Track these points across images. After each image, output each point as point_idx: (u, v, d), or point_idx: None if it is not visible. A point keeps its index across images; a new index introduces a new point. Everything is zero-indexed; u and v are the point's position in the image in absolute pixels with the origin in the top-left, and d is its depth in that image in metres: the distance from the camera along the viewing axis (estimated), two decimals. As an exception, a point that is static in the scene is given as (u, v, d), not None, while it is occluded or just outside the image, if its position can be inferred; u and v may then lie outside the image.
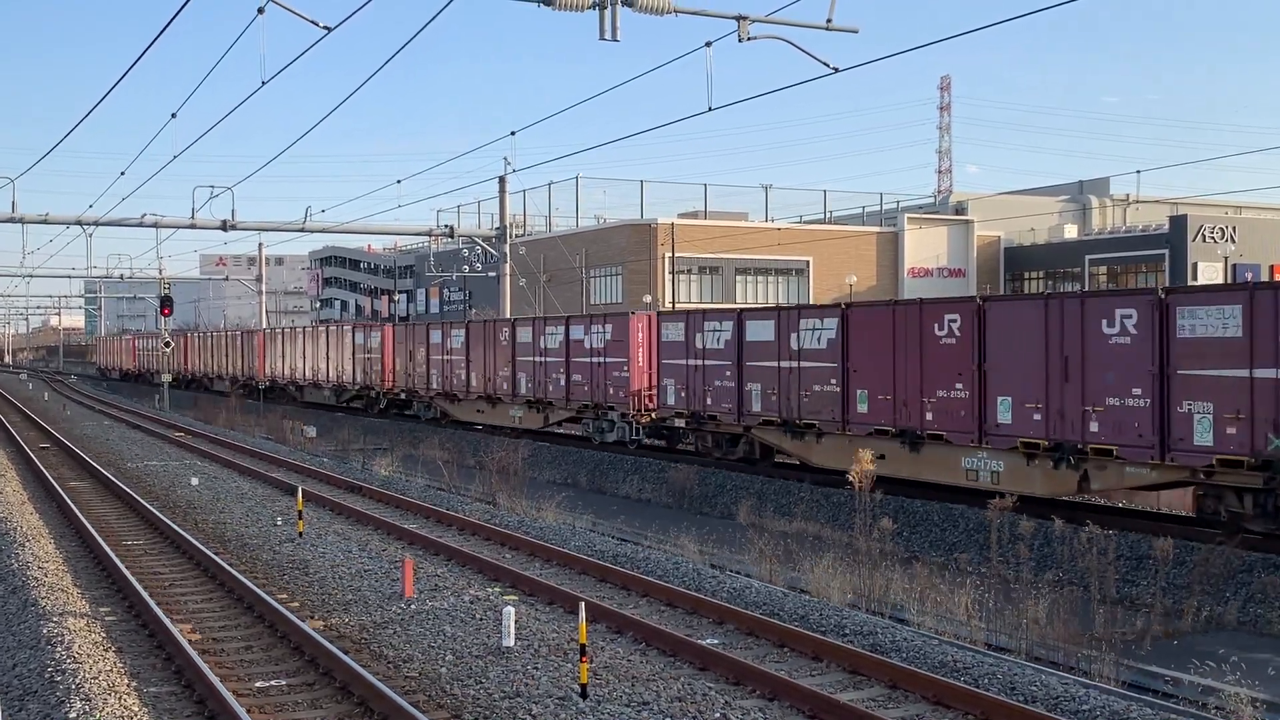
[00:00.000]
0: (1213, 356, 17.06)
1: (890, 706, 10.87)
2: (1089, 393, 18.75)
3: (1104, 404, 18.49)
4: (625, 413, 31.16)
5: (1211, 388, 17.05)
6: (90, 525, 19.98)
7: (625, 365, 31.13)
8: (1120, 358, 18.29)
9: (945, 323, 21.38)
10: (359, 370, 47.33)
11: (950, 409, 21.22)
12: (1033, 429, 19.62)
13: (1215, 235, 64.74)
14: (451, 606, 14.40)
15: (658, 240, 63.61)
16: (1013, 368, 20.07)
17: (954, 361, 21.11)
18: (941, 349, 21.39)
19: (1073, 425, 18.94)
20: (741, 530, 21.60)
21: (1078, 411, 18.87)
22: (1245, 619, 15.83)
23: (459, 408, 39.80)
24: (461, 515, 21.47)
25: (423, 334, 42.09)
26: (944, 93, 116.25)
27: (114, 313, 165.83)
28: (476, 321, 40.69)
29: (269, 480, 27.29)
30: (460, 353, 39.44)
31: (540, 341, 34.72)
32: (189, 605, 14.93)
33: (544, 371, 34.62)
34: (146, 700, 10.86)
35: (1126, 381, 18.17)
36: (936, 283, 69.21)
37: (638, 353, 30.87)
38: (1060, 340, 19.21)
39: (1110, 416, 18.42)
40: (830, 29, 20.06)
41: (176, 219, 43.61)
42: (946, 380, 21.22)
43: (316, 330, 53.49)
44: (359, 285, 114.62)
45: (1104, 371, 18.54)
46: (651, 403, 30.40)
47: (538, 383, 34.84)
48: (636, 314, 31.89)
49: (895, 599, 16.39)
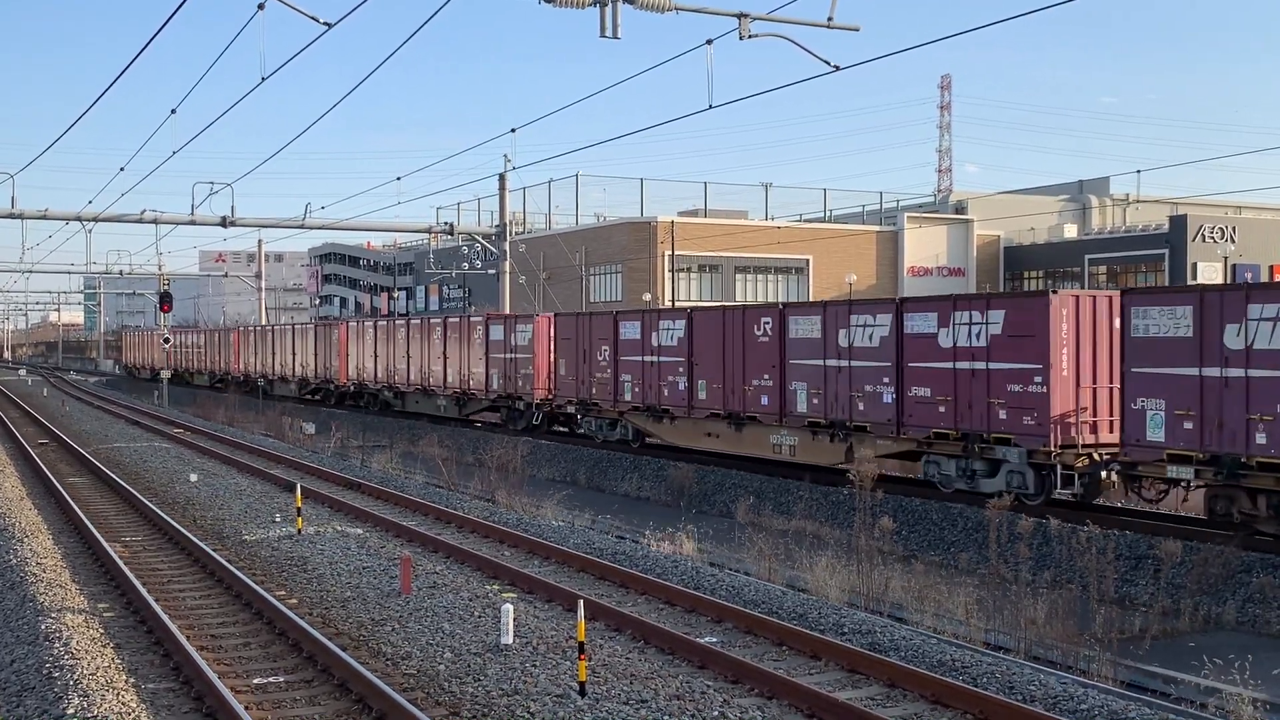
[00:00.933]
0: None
1: (889, 705, 10.86)
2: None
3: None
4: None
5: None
6: (88, 521, 19.97)
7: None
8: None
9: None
10: (497, 374, 37.05)
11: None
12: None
13: (1215, 235, 64.73)
14: (450, 604, 14.39)
15: (657, 238, 63.59)
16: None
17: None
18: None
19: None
20: (740, 528, 21.59)
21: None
22: (1244, 619, 15.83)
23: (676, 428, 29.37)
24: (460, 513, 21.45)
25: (608, 328, 31.37)
26: (944, 91, 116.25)
27: (113, 309, 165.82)
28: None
29: (267, 477, 27.27)
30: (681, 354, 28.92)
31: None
32: (187, 602, 14.92)
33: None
34: (144, 697, 10.84)
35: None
36: (936, 282, 69.18)
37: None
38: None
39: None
40: (831, 27, 20.03)
41: (176, 215, 43.54)
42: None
43: (429, 324, 42.28)
44: (359, 282, 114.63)
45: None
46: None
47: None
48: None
49: (894, 598, 16.40)
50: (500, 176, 44.09)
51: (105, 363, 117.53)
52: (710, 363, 27.47)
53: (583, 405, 32.60)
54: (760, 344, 25.88)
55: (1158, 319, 17.62)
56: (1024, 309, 20.58)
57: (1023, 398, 20.22)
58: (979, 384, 21.00)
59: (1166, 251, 65.20)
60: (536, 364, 34.98)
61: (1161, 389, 17.50)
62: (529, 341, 35.34)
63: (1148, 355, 17.73)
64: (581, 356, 32.47)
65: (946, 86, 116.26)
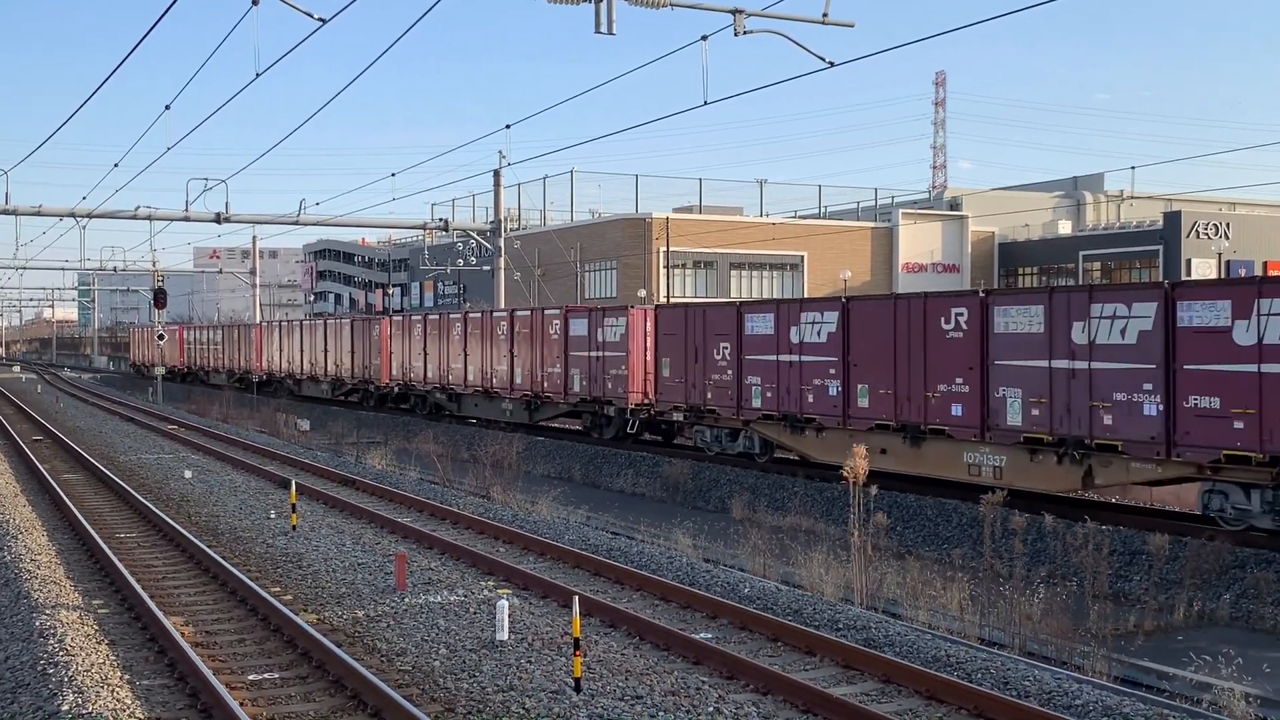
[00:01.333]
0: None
1: (884, 701, 10.87)
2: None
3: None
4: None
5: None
6: (83, 518, 19.94)
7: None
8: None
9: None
10: (580, 374, 33.05)
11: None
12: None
13: (1209, 231, 64.82)
14: (445, 600, 14.39)
15: (652, 234, 63.59)
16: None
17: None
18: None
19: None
20: (735, 525, 21.61)
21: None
22: (1238, 614, 15.87)
23: (824, 442, 25.02)
24: (455, 509, 21.45)
25: (730, 322, 27.44)
26: (939, 88, 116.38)
27: (107, 305, 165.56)
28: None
29: (262, 473, 27.25)
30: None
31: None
32: (182, 598, 14.90)
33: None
34: (139, 693, 10.83)
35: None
36: (931, 278, 69.25)
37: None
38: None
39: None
40: (826, 23, 20.06)
41: (170, 211, 43.49)
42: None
43: (492, 319, 37.82)
44: (353, 279, 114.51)
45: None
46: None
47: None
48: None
49: (889, 594, 16.42)
50: (495, 173, 44.10)
51: (100, 359, 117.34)
52: (876, 364, 23.06)
53: (693, 412, 28.42)
54: (950, 340, 21.49)
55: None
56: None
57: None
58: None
59: (1161, 248, 65.30)
60: (631, 363, 30.74)
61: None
62: (621, 338, 31.24)
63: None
64: (693, 355, 28.19)
65: (941, 83, 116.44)
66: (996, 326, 20.53)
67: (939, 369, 21.64)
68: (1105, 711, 10.32)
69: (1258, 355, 16.63)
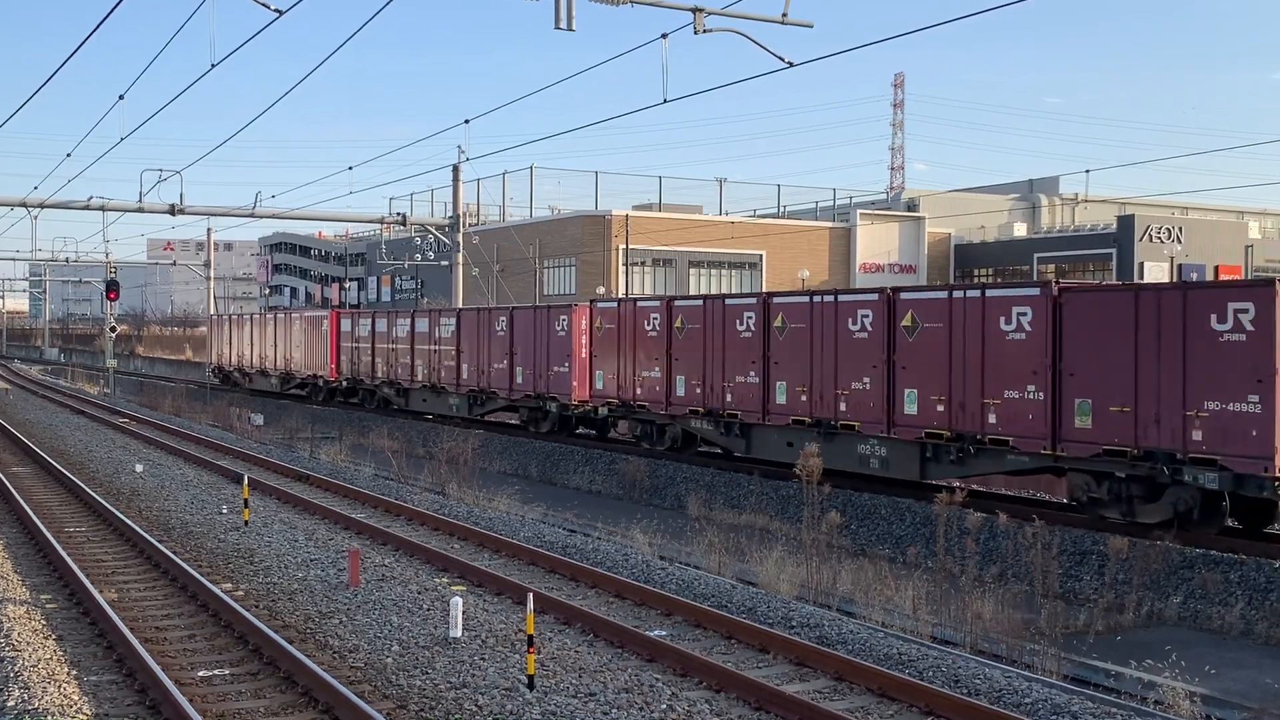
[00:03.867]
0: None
1: (836, 698, 10.93)
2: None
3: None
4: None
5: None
6: (31, 511, 19.68)
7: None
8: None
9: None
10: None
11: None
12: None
13: (1162, 235, 65.62)
14: (399, 596, 14.32)
15: (612, 232, 63.58)
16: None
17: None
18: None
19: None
20: (692, 523, 21.64)
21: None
22: (1186, 614, 16.07)
23: None
24: (410, 505, 21.35)
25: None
26: (898, 89, 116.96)
27: (59, 297, 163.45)
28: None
29: (215, 468, 27.01)
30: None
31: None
32: (131, 593, 14.74)
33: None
34: (87, 689, 10.71)
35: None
36: (888, 278, 69.65)
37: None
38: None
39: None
40: (786, 23, 20.11)
41: (124, 202, 42.96)
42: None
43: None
44: (309, 272, 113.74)
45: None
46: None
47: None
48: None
49: (843, 592, 16.51)
50: (454, 168, 43.91)
51: (51, 351, 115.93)
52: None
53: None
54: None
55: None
56: None
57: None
58: None
59: (1115, 251, 66.03)
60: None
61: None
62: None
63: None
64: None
65: (900, 84, 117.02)
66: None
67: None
68: (1054, 710, 10.42)
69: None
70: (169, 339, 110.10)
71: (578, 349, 31.11)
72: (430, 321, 38.28)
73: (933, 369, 20.34)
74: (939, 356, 20.22)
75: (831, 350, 22.44)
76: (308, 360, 46.63)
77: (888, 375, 21.17)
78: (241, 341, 54.06)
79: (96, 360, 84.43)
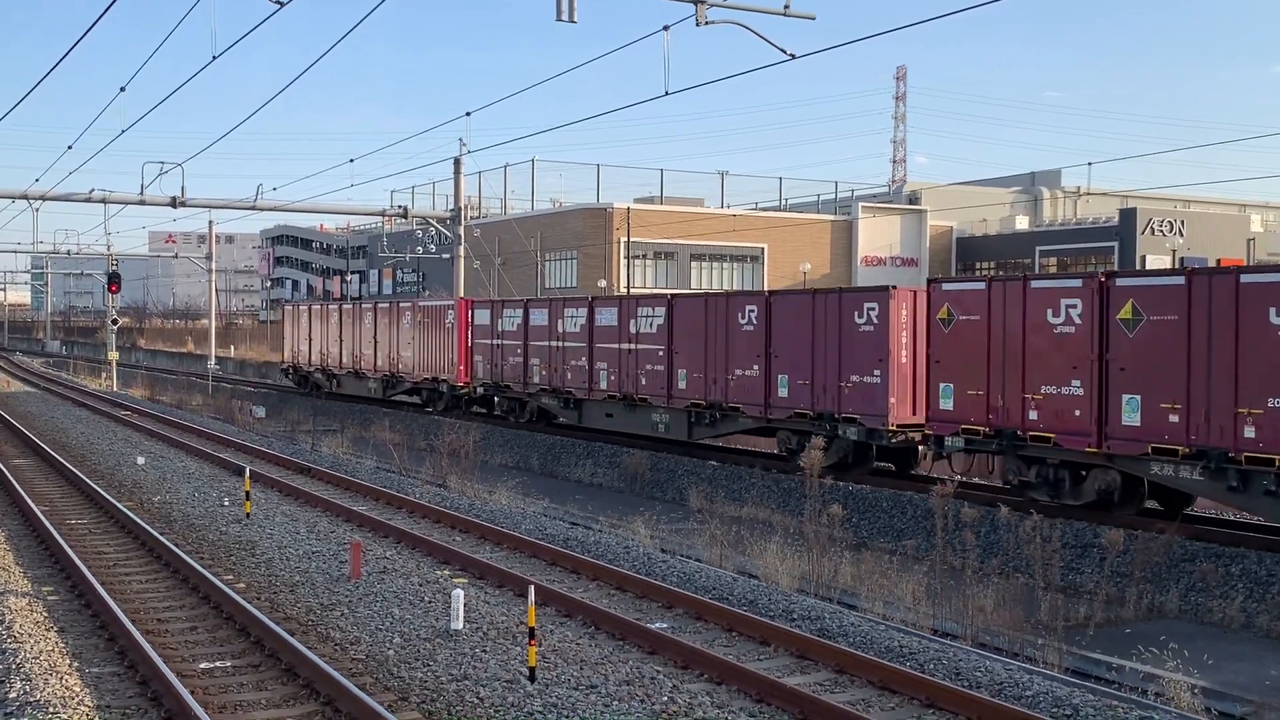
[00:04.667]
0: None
1: (837, 690, 10.93)
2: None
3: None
4: None
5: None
6: (33, 503, 19.70)
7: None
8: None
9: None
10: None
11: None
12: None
13: (1164, 228, 65.55)
14: (400, 589, 14.33)
15: (613, 225, 63.53)
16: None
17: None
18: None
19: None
20: (693, 515, 21.65)
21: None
22: (1186, 607, 16.08)
23: None
24: (411, 498, 21.36)
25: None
26: (899, 82, 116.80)
27: (61, 289, 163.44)
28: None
29: (216, 460, 27.02)
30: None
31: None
32: (133, 585, 14.76)
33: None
34: (89, 681, 10.72)
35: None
36: (890, 272, 69.58)
37: None
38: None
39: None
40: (788, 15, 20.06)
41: (125, 195, 42.87)
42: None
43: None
44: (311, 265, 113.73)
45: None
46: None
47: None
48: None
49: (844, 584, 16.52)
50: (455, 160, 43.85)
51: (52, 344, 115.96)
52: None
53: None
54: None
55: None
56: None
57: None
58: None
59: (1116, 244, 65.97)
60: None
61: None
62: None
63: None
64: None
65: (902, 77, 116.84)
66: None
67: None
68: (1055, 702, 10.42)
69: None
70: (171, 331, 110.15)
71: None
72: (622, 313, 30.05)
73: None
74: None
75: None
76: (424, 360, 39.23)
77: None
78: (326, 336, 46.76)
79: (98, 353, 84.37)
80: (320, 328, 47.56)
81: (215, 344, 62.43)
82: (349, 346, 44.88)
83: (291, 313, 51.73)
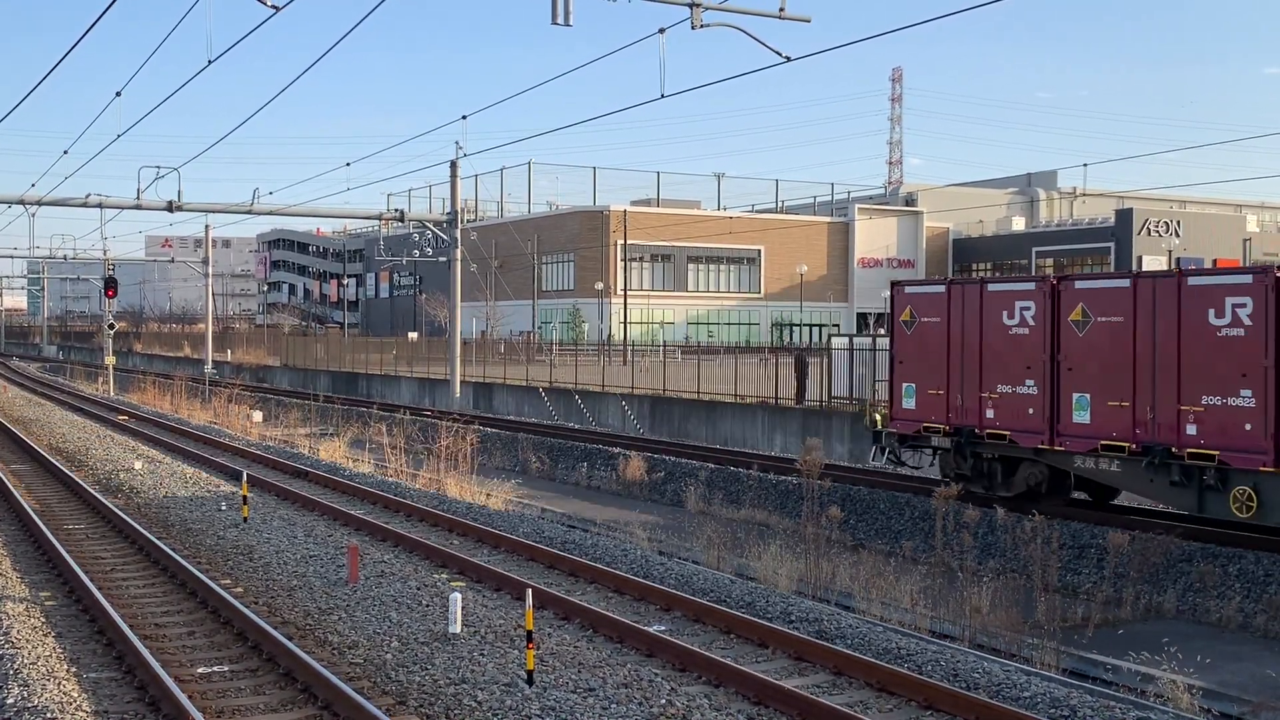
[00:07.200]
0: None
1: (834, 692, 10.93)
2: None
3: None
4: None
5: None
6: (30, 508, 19.67)
7: None
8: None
9: None
10: None
11: None
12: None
13: (1160, 229, 65.62)
14: (398, 593, 14.31)
15: (610, 227, 63.55)
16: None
17: None
18: None
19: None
20: (691, 517, 21.65)
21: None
22: (1184, 607, 16.09)
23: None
24: (409, 501, 21.34)
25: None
26: (895, 84, 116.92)
27: (57, 294, 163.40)
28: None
29: (214, 465, 27.00)
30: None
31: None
32: (131, 590, 14.74)
33: None
34: (86, 686, 10.71)
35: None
36: (886, 273, 69.64)
37: None
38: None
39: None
40: (783, 18, 20.07)
41: (121, 199, 42.86)
42: None
43: None
44: (307, 269, 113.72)
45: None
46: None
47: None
48: None
49: (841, 586, 16.51)
50: (452, 164, 43.87)
51: (49, 348, 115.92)
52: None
53: None
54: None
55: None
56: None
57: None
58: None
59: (1113, 244, 66.01)
60: None
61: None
62: None
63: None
64: None
65: (898, 79, 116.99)
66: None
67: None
68: (1053, 703, 10.43)
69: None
70: (167, 335, 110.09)
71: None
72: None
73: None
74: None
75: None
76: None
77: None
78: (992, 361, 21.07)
79: (95, 357, 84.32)
80: (958, 347, 21.42)
81: (212, 348, 62.36)
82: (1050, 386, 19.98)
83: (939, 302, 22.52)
